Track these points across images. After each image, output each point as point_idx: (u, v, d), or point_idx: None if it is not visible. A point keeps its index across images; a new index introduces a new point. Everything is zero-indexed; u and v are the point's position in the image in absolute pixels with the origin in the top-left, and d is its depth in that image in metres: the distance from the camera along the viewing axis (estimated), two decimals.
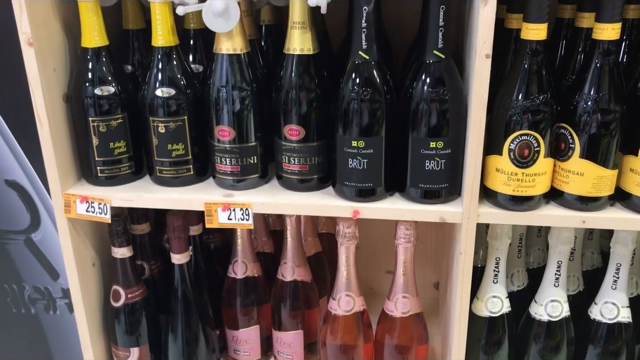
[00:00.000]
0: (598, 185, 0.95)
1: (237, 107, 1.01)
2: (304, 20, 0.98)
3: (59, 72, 1.05)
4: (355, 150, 0.98)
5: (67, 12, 1.06)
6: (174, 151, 1.05)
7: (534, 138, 0.93)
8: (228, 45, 1.00)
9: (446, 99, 0.95)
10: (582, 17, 1.00)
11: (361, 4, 0.93)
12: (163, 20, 1.01)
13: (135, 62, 1.17)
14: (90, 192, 1.08)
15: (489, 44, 0.88)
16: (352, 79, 0.96)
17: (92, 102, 1.04)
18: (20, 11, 0.97)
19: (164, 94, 1.03)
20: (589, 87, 0.92)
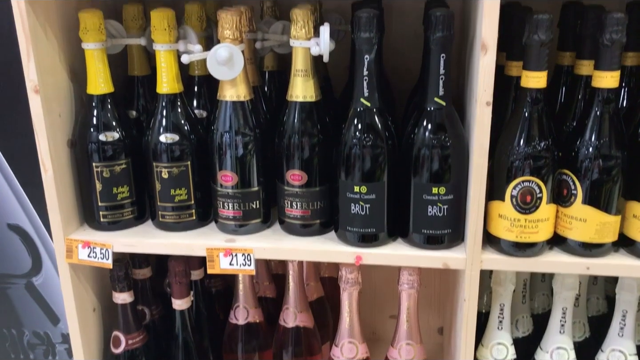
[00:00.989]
0: (601, 231, 0.94)
1: (240, 153, 1.02)
2: (307, 68, 1.00)
3: (64, 118, 1.06)
4: (357, 196, 0.98)
5: (73, 59, 1.08)
6: (176, 196, 1.06)
7: (536, 184, 0.93)
8: (232, 92, 1.01)
9: (447, 145, 0.95)
10: (582, 65, 1.01)
11: (362, 53, 0.94)
12: (168, 68, 1.02)
13: (140, 108, 1.19)
14: (92, 237, 1.07)
15: (490, 91, 0.89)
16: (353, 125, 0.97)
17: (96, 148, 1.05)
18: (28, 58, 0.98)
19: (167, 140, 1.04)
20: (590, 134, 0.92)
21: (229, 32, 0.98)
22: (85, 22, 1.01)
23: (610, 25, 0.87)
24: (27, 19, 0.96)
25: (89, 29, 1.01)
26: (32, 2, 0.97)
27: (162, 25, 1.00)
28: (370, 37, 0.93)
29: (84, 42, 1.02)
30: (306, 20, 0.98)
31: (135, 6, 1.12)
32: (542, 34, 0.88)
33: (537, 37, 0.88)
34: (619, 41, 0.88)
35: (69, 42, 1.06)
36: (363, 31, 0.93)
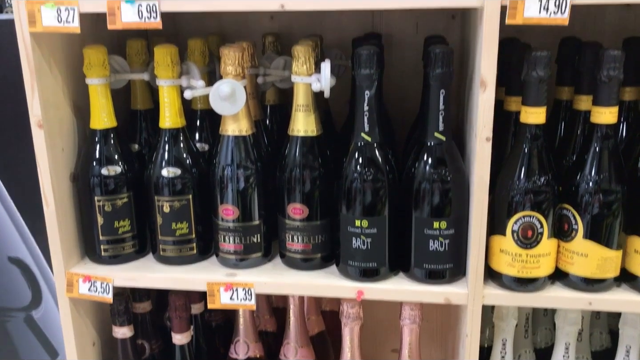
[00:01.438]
0: (603, 266, 0.94)
1: (241, 187, 1.02)
2: (308, 103, 1.01)
3: (67, 152, 1.07)
4: (358, 230, 0.98)
5: (77, 94, 1.09)
6: (177, 230, 1.06)
7: (536, 219, 0.93)
8: (234, 127, 1.02)
9: (448, 180, 0.96)
10: (580, 100, 1.02)
11: (363, 89, 0.95)
12: (171, 102, 1.03)
13: (143, 141, 1.19)
14: (93, 272, 1.07)
15: (489, 127, 0.90)
16: (354, 159, 0.98)
17: (98, 182, 1.06)
18: (32, 93, 1.00)
19: (169, 174, 1.04)
20: (589, 169, 0.93)
21: (231, 68, 0.99)
22: (90, 58, 1.02)
23: (608, 62, 0.88)
24: (33, 54, 0.98)
25: (93, 64, 1.02)
26: (38, 38, 0.98)
27: (166, 61, 1.01)
28: (370, 73, 0.94)
29: (88, 78, 1.03)
30: (307, 56, 0.99)
31: (138, 41, 1.14)
32: (540, 70, 0.89)
33: (535, 74, 0.89)
34: (616, 78, 0.89)
35: (73, 77, 1.08)
36: (363, 68, 0.94)
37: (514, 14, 0.86)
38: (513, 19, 0.86)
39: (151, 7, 0.93)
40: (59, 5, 0.94)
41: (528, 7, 0.85)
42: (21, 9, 0.95)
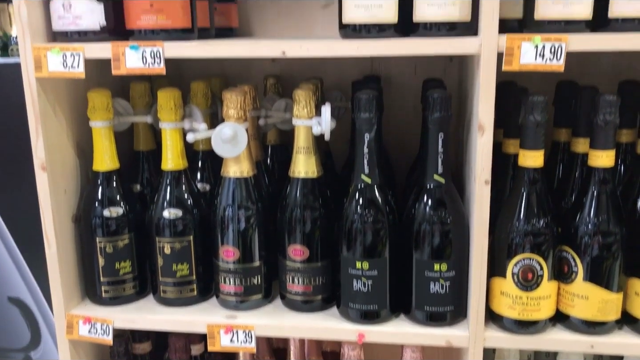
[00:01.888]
0: (604, 309, 0.94)
1: (242, 229, 1.03)
2: (309, 145, 1.02)
3: (70, 194, 1.08)
4: (359, 272, 0.98)
5: (80, 136, 1.10)
6: (178, 271, 1.06)
7: (536, 262, 0.93)
8: (235, 168, 1.03)
9: (448, 222, 0.96)
10: (578, 142, 1.03)
11: (363, 132, 0.97)
12: (173, 145, 1.05)
13: (144, 181, 1.20)
14: (93, 313, 1.07)
15: (488, 170, 0.91)
16: (355, 201, 0.99)
17: (100, 223, 1.06)
18: (37, 137, 1.01)
19: (170, 215, 1.05)
20: (588, 212, 0.94)
21: (233, 111, 1.01)
22: (94, 102, 1.04)
23: (604, 107, 0.89)
24: (38, 99, 0.99)
25: (97, 108, 1.04)
26: (44, 82, 1.00)
27: (169, 105, 1.02)
28: (370, 117, 0.96)
29: (92, 121, 1.05)
30: (308, 100, 1.00)
31: (142, 84, 1.16)
32: (537, 115, 0.91)
33: (532, 118, 0.91)
34: (612, 122, 0.90)
35: (77, 120, 1.09)
36: (363, 112, 0.96)
37: (511, 61, 0.88)
38: (509, 66, 0.88)
39: (155, 53, 0.95)
40: (65, 51, 0.96)
41: (524, 54, 0.87)
42: (28, 55, 0.98)
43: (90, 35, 0.98)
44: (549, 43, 0.86)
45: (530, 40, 0.86)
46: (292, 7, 1.30)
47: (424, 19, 0.92)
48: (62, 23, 0.98)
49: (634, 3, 0.88)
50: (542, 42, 0.86)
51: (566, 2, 0.89)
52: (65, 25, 0.98)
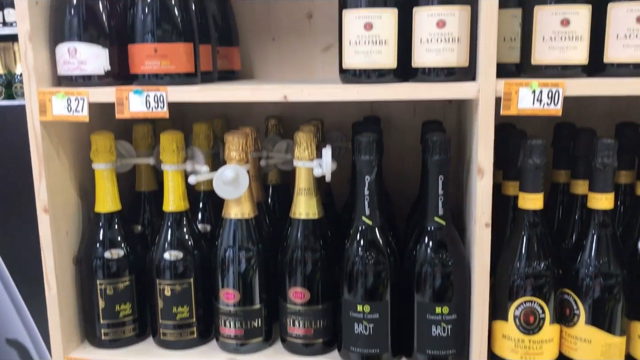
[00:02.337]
0: (607, 352, 0.93)
1: (242, 271, 1.03)
2: (310, 187, 1.03)
3: (71, 236, 1.08)
4: (360, 315, 0.98)
5: (83, 178, 1.11)
6: (178, 314, 1.05)
7: (538, 305, 0.93)
8: (236, 210, 1.04)
9: (449, 264, 0.96)
10: (577, 184, 1.04)
11: (363, 174, 0.98)
12: (175, 187, 1.05)
13: (146, 222, 1.21)
14: (92, 356, 1.06)
15: (488, 213, 0.92)
16: (356, 244, 0.99)
17: (100, 265, 1.06)
18: (40, 179, 1.02)
19: (171, 257, 1.05)
20: (588, 254, 0.94)
21: (235, 153, 1.02)
22: (97, 144, 1.05)
23: (602, 150, 0.90)
24: (42, 142, 1.01)
25: (100, 150, 1.05)
26: (48, 125, 1.01)
27: (171, 147, 1.04)
28: (370, 159, 0.97)
29: (95, 163, 1.06)
30: (309, 142, 1.01)
31: (144, 126, 1.17)
32: (536, 158, 0.91)
33: (531, 162, 0.92)
34: (610, 165, 0.91)
35: (80, 162, 1.10)
36: (363, 154, 0.97)
37: (509, 105, 0.89)
38: (508, 110, 0.89)
39: (158, 97, 0.96)
40: (70, 95, 0.98)
41: (522, 99, 0.89)
42: (33, 99, 0.99)
43: (95, 80, 1.00)
44: (546, 88, 0.88)
45: (527, 86, 0.88)
46: (293, 50, 1.32)
47: (422, 64, 0.94)
48: (67, 68, 1.00)
49: (628, 49, 0.90)
50: (539, 88, 0.88)
51: (562, 47, 0.91)
52: (71, 70, 1.00)
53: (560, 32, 0.90)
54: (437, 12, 0.91)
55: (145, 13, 0.98)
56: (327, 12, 1.29)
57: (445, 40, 0.91)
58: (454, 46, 0.92)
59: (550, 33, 0.90)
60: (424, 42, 0.92)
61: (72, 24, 0.99)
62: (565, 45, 0.90)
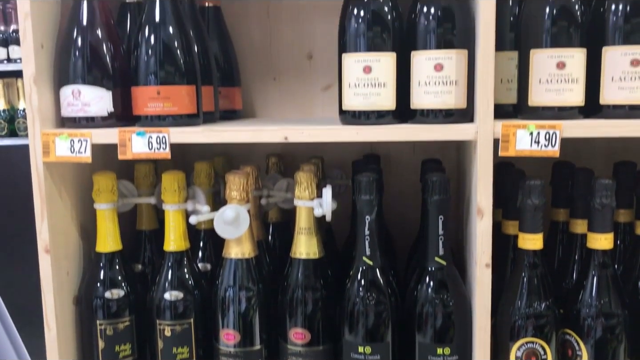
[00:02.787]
0: None
1: (242, 312, 1.03)
2: (310, 226, 1.03)
3: (72, 276, 1.08)
4: (362, 357, 0.97)
5: (84, 218, 1.12)
6: (178, 354, 1.05)
7: (539, 346, 0.93)
8: (237, 250, 1.04)
9: (450, 305, 0.96)
10: (576, 224, 1.04)
11: (364, 214, 0.98)
12: (176, 226, 1.06)
13: (146, 261, 1.21)
14: None
15: (488, 253, 0.92)
16: (356, 284, 0.99)
17: (101, 305, 1.06)
18: (42, 219, 1.02)
19: (171, 297, 1.05)
20: (589, 294, 0.94)
21: (236, 193, 1.03)
22: (99, 184, 1.05)
23: (600, 190, 0.91)
24: (44, 182, 1.01)
25: (102, 190, 1.05)
26: (50, 166, 1.02)
27: (173, 187, 1.04)
28: (370, 199, 0.97)
29: (97, 203, 1.06)
30: (309, 182, 1.02)
31: (146, 165, 1.18)
32: (535, 198, 0.92)
33: (530, 202, 0.92)
34: (609, 206, 0.91)
35: (82, 202, 1.11)
36: (364, 194, 0.97)
37: (507, 147, 0.90)
38: (506, 152, 0.90)
39: (161, 138, 0.97)
40: (73, 137, 0.99)
41: (520, 140, 0.90)
42: (37, 140, 1.00)
43: (98, 121, 1.01)
44: (543, 130, 0.89)
45: (525, 128, 0.89)
46: (294, 89, 1.34)
47: (421, 106, 0.95)
48: (71, 110, 1.01)
49: (623, 91, 0.91)
50: (536, 130, 0.89)
51: (558, 90, 0.92)
52: (74, 112, 1.01)
53: (556, 74, 0.92)
54: (434, 56, 0.93)
55: (148, 55, 1.00)
56: (327, 53, 1.32)
57: (443, 83, 0.93)
58: (451, 89, 0.93)
59: (547, 76, 0.92)
60: (422, 85, 0.94)
61: (76, 66, 1.01)
62: (561, 88, 0.92)
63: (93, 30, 1.02)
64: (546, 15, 0.92)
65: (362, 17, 0.95)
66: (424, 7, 0.95)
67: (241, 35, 1.34)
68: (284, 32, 1.34)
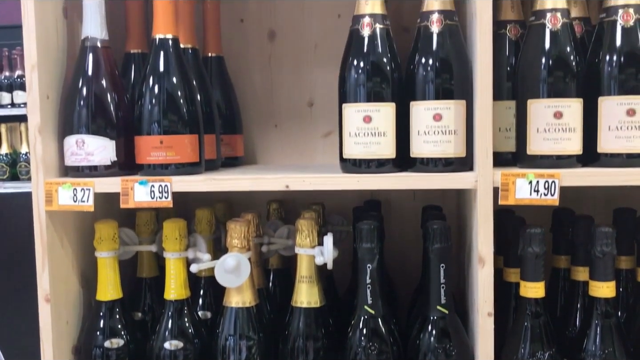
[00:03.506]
0: None
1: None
2: (311, 274, 1.03)
3: (71, 325, 1.08)
4: None
5: (85, 266, 1.12)
6: None
7: None
8: (237, 299, 1.03)
9: (452, 354, 0.95)
10: (577, 271, 1.04)
11: (365, 262, 0.98)
12: (177, 274, 1.05)
13: (146, 309, 1.20)
14: None
15: (490, 302, 0.92)
16: (358, 333, 0.98)
17: (100, 354, 1.05)
18: (43, 268, 1.02)
19: (172, 347, 1.04)
20: (592, 343, 0.93)
21: (237, 241, 1.03)
22: (101, 232, 1.06)
23: (600, 238, 0.91)
24: (46, 231, 1.02)
25: (104, 238, 1.05)
26: (53, 215, 1.03)
27: (174, 235, 1.04)
28: (371, 247, 0.98)
29: (98, 251, 1.06)
30: (310, 230, 1.03)
31: (148, 212, 1.19)
32: (535, 247, 0.92)
33: (531, 250, 0.92)
34: (610, 254, 0.91)
35: (83, 250, 1.11)
36: (365, 242, 0.97)
37: (506, 196, 0.91)
38: (505, 200, 0.91)
39: (163, 187, 0.98)
40: (76, 186, 1.00)
41: (519, 189, 0.91)
42: (40, 189, 1.01)
43: (101, 170, 1.02)
44: (542, 179, 0.90)
45: (524, 177, 0.90)
46: (295, 136, 1.36)
47: (420, 154, 0.96)
48: (74, 159, 1.02)
49: (620, 140, 0.92)
50: (535, 179, 0.90)
51: (556, 139, 0.93)
52: (78, 161, 1.02)
53: (553, 124, 0.93)
54: (433, 106, 0.94)
55: (152, 105, 1.02)
56: (327, 100, 1.34)
57: (442, 133, 0.94)
58: (450, 138, 0.95)
59: (544, 125, 0.93)
60: (422, 134, 0.95)
61: (80, 116, 1.03)
62: (559, 137, 0.93)
63: (98, 81, 1.04)
64: (542, 65, 0.94)
65: (361, 68, 0.97)
66: (422, 58, 0.97)
67: (244, 83, 1.37)
68: (285, 80, 1.37)
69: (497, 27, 1.04)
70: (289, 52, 1.36)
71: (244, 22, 1.37)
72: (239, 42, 1.36)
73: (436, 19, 0.96)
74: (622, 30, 0.93)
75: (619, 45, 0.93)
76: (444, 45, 0.96)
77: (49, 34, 1.04)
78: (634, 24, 0.93)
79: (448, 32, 0.96)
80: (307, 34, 1.35)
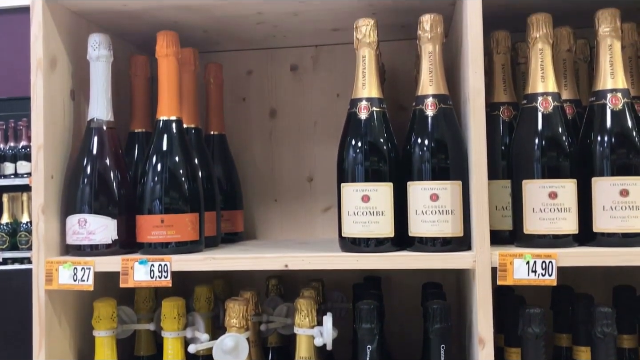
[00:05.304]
0: None
1: None
2: (310, 355, 1.02)
3: None
4: None
5: (82, 344, 1.11)
6: None
7: None
8: None
9: None
10: (579, 351, 1.02)
11: (365, 343, 0.97)
12: (174, 353, 1.04)
13: None
14: None
15: None
16: None
17: None
18: (39, 349, 1.02)
19: None
20: None
21: (235, 320, 1.02)
22: (99, 311, 1.05)
23: (600, 319, 0.91)
24: (45, 310, 1.01)
25: (102, 317, 1.05)
26: (52, 294, 1.03)
27: (172, 314, 1.04)
28: (371, 327, 0.97)
29: (96, 330, 1.05)
30: (310, 309, 1.02)
31: (146, 290, 1.18)
32: (535, 327, 0.92)
33: (531, 330, 0.92)
34: (610, 334, 0.91)
35: (81, 328, 1.10)
36: (364, 322, 0.97)
37: (505, 276, 0.91)
38: (504, 281, 0.91)
39: (162, 267, 0.99)
40: (76, 265, 1.00)
41: (517, 269, 0.91)
42: (40, 268, 1.01)
43: (102, 249, 1.03)
44: (539, 260, 0.90)
45: (521, 257, 0.91)
46: (294, 211, 1.38)
47: (418, 234, 0.97)
48: (76, 238, 1.03)
49: (615, 220, 0.94)
50: (533, 259, 0.90)
51: (552, 219, 0.95)
52: (79, 240, 1.03)
53: (548, 204, 0.95)
54: (429, 186, 0.96)
55: (153, 184, 1.03)
56: (326, 175, 1.36)
57: (440, 212, 0.96)
58: (448, 218, 0.96)
59: (540, 205, 0.95)
60: (419, 214, 0.97)
61: (84, 196, 1.04)
62: (554, 217, 0.94)
63: (102, 162, 1.06)
64: (536, 147, 0.97)
65: (359, 149, 1.00)
66: (417, 140, 0.99)
67: (245, 158, 1.39)
68: (285, 156, 1.39)
69: (490, 108, 1.07)
70: (289, 129, 1.40)
71: (245, 101, 1.42)
72: (240, 119, 1.40)
73: (431, 103, 0.99)
74: (611, 113, 0.96)
75: (609, 128, 0.96)
76: (438, 128, 0.99)
77: (57, 115, 1.07)
78: (622, 107, 0.96)
79: (443, 115, 0.99)
80: (307, 112, 1.39)
